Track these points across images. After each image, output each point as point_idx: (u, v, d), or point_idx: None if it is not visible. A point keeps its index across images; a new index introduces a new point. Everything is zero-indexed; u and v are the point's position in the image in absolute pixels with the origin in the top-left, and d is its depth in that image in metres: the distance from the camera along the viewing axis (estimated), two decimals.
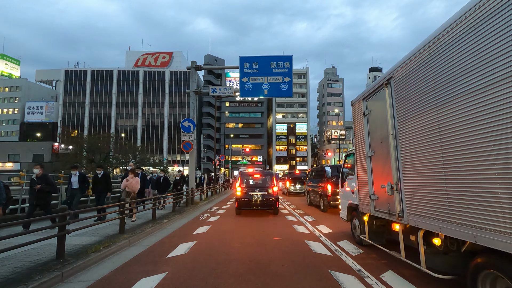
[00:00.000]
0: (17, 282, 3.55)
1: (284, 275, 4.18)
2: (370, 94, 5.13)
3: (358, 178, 5.82)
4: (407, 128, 3.84)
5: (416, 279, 3.94)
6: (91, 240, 5.95)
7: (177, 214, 10.32)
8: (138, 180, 8.83)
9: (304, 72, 71.10)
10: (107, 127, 63.56)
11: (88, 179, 9.00)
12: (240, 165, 47.23)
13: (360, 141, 5.60)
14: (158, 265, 4.67)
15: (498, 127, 2.43)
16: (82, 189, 8.45)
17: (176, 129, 63.20)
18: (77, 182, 8.35)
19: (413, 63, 3.70)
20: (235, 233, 7.35)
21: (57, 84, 74.02)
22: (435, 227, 3.28)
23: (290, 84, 13.83)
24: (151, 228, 7.51)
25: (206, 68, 17.72)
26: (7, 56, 76.53)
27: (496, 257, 2.65)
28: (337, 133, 63.84)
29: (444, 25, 3.12)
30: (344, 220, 7.09)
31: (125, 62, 71.05)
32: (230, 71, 65.72)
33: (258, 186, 11.28)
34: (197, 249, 5.75)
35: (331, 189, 11.18)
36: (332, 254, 5.34)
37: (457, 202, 2.92)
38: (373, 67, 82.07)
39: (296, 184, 21.49)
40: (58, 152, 45.57)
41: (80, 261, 4.49)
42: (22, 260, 4.49)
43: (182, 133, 14.43)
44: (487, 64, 2.53)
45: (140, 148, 39.57)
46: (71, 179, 8.40)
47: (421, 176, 3.55)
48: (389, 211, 4.39)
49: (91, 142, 31.63)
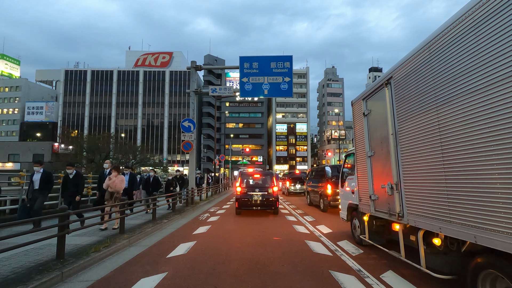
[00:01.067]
0: (17, 282, 3.55)
1: (284, 275, 4.18)
2: (370, 94, 5.13)
3: (358, 178, 5.81)
4: (407, 128, 3.84)
5: (416, 279, 3.94)
6: (91, 240, 5.95)
7: (177, 214, 10.32)
8: (123, 178, 7.58)
9: (304, 72, 71.09)
10: (107, 127, 63.50)
11: (52, 179, 7.29)
12: (240, 165, 47.18)
13: (360, 141, 5.60)
14: (158, 265, 4.67)
15: (498, 127, 2.42)
16: (43, 190, 6.89)
17: (176, 129, 63.18)
18: (39, 181, 6.82)
19: (413, 63, 3.70)
20: (235, 233, 7.35)
21: (57, 84, 74.00)
22: (435, 227, 3.28)
23: (290, 84, 13.83)
24: (151, 228, 7.51)
25: (206, 68, 17.73)
26: (7, 56, 76.52)
27: (496, 257, 2.65)
28: (337, 133, 63.84)
29: (444, 25, 3.12)
30: (344, 220, 7.09)
31: (125, 62, 71.03)
32: (230, 71, 65.71)
33: (258, 186, 11.28)
34: (197, 249, 5.75)
35: (331, 189, 11.18)
36: (332, 254, 5.34)
37: (457, 202, 2.92)
38: (373, 67, 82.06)
39: (296, 184, 21.49)
40: (58, 152, 45.57)
41: (80, 261, 4.49)
42: (22, 260, 4.48)
43: (182, 133, 14.43)
44: (487, 64, 2.53)
45: (140, 148, 39.54)
46: (32, 178, 6.90)
47: (421, 176, 3.55)
48: (389, 211, 4.39)
49: (91, 142, 31.61)
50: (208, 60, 67.51)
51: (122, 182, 7.49)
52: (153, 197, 9.23)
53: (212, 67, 32.63)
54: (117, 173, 7.46)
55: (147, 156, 37.90)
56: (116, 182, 7.34)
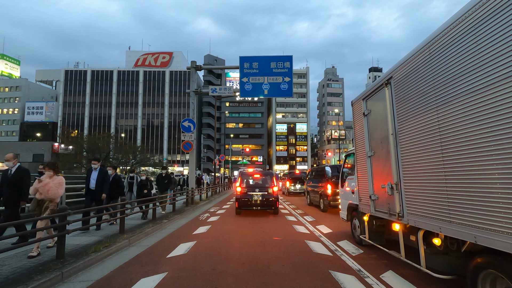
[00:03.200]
0: (17, 282, 3.55)
1: (284, 275, 4.18)
2: (370, 94, 5.13)
3: (358, 178, 5.81)
4: (407, 128, 3.84)
5: (416, 279, 3.94)
6: (91, 240, 5.95)
7: (177, 214, 10.32)
8: (62, 181, 5.24)
9: (304, 72, 71.10)
10: (107, 127, 63.53)
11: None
12: (240, 165, 47.18)
13: (360, 141, 5.60)
14: (158, 265, 4.67)
15: (498, 127, 2.42)
16: None
17: (176, 129, 63.20)
18: None
19: (413, 63, 3.70)
20: (235, 233, 7.35)
21: (57, 84, 73.99)
22: (435, 227, 3.28)
23: (290, 84, 13.83)
24: (151, 228, 7.51)
25: (206, 68, 17.73)
26: (7, 56, 76.52)
27: (496, 257, 2.65)
28: (337, 133, 63.85)
29: (444, 25, 3.12)
30: (344, 220, 7.09)
31: (125, 62, 71.06)
32: (230, 71, 65.73)
33: (258, 186, 11.28)
34: (197, 249, 5.75)
35: (331, 189, 11.18)
36: (332, 254, 5.34)
37: (457, 202, 2.91)
38: (373, 67, 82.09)
39: (296, 184, 21.49)
40: (58, 152, 45.62)
41: (80, 261, 4.49)
42: (22, 260, 4.48)
43: (182, 133, 14.43)
44: (487, 64, 2.53)
45: (140, 148, 39.60)
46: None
47: (421, 176, 3.55)
48: (389, 211, 4.39)
49: (91, 142, 31.66)
50: (208, 60, 67.53)
51: (60, 187, 5.14)
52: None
53: (212, 67, 32.67)
54: (52, 173, 5.22)
55: (147, 156, 37.95)
56: (49, 186, 5.00)
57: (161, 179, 11.39)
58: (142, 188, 9.76)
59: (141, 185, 9.83)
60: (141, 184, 9.86)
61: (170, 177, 12.09)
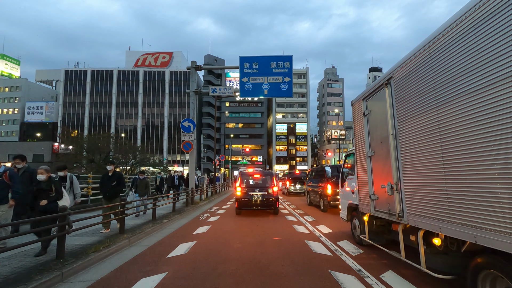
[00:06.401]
0: (17, 282, 3.55)
1: (284, 275, 4.18)
2: (370, 94, 5.13)
3: (358, 178, 5.81)
4: (407, 128, 3.84)
5: (416, 279, 3.94)
6: (91, 240, 5.95)
7: (177, 214, 10.32)
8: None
9: (304, 72, 71.09)
10: (107, 127, 63.51)
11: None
12: (240, 165, 47.23)
13: (360, 141, 5.60)
14: (158, 265, 4.67)
15: (498, 127, 2.42)
16: None
17: (176, 129, 63.18)
18: None
19: (413, 63, 3.70)
20: (235, 233, 7.35)
21: (57, 84, 74.02)
22: (435, 227, 3.28)
23: (290, 84, 13.83)
24: (151, 228, 7.51)
25: (206, 68, 17.74)
26: (7, 56, 76.50)
27: (496, 257, 2.65)
28: (337, 133, 63.83)
29: (444, 25, 3.12)
30: (344, 220, 7.09)
31: (125, 62, 71.04)
32: (230, 71, 65.71)
33: (258, 186, 11.28)
34: (197, 249, 5.75)
35: (331, 189, 11.18)
36: (332, 254, 5.34)
37: (457, 202, 2.92)
38: (373, 67, 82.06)
39: (296, 184, 21.49)
40: (58, 152, 45.60)
41: (80, 261, 4.49)
42: (22, 260, 4.48)
43: (182, 133, 14.42)
44: (487, 64, 2.53)
45: (140, 148, 39.54)
46: None
47: (421, 176, 3.55)
48: (389, 211, 4.39)
49: (91, 142, 31.59)
50: (208, 60, 67.52)
51: None
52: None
53: (212, 67, 32.66)
54: None
55: (147, 156, 37.90)
56: None
57: (106, 181, 7.21)
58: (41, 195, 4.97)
59: (39, 191, 4.99)
60: (39, 188, 5.01)
61: (120, 177, 7.41)
